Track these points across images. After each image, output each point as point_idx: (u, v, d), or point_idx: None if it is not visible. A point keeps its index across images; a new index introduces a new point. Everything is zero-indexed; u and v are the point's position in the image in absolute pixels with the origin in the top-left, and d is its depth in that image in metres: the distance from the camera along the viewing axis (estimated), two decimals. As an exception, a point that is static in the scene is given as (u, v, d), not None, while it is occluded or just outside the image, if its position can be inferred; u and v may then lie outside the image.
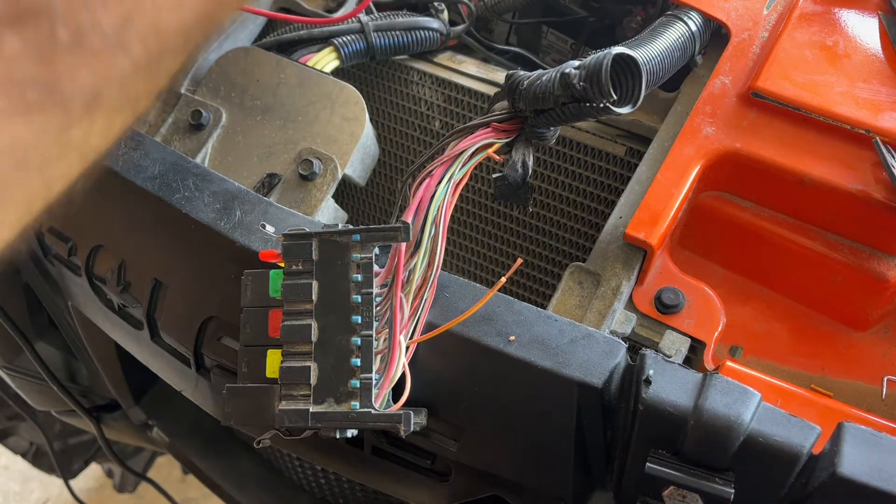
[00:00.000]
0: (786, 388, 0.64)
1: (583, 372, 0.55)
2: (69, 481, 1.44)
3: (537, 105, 0.59)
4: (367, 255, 0.56)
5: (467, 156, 0.59)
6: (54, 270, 0.85)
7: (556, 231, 0.89)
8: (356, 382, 0.55)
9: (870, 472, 0.49)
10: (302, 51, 0.89)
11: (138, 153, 0.73)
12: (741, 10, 0.80)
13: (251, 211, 0.67)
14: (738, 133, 0.72)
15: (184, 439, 1.12)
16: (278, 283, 0.58)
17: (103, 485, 1.92)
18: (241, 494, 1.10)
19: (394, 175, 1.00)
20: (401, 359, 0.56)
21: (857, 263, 0.71)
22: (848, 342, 0.72)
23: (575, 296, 0.69)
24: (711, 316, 0.68)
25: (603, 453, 0.59)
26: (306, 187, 0.79)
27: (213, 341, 0.68)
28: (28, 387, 1.14)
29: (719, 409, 0.51)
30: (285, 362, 0.57)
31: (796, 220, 0.73)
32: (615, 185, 0.84)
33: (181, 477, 1.90)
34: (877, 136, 0.69)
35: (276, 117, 0.83)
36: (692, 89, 0.79)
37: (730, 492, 0.51)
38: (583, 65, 0.57)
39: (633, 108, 0.59)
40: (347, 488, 1.05)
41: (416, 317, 0.57)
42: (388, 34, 0.90)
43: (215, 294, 0.67)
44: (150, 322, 0.73)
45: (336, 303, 0.56)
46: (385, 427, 0.54)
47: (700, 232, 0.76)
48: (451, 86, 0.91)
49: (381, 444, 0.67)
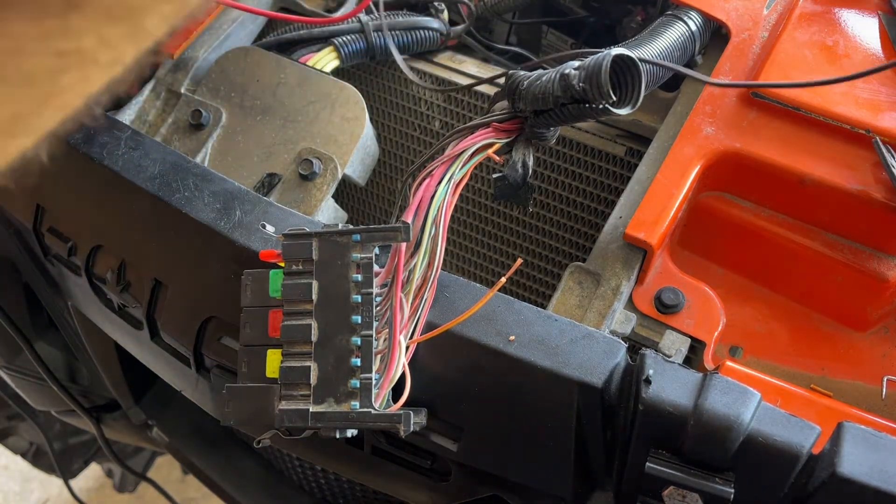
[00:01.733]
0: (786, 388, 0.64)
1: (583, 372, 0.55)
2: (69, 481, 1.44)
3: (537, 105, 0.59)
4: (367, 255, 0.56)
5: (467, 156, 0.59)
6: (54, 270, 0.85)
7: (556, 231, 0.89)
8: (356, 382, 0.55)
9: (870, 472, 0.49)
10: (302, 51, 0.89)
11: (138, 153, 0.73)
12: (741, 10, 0.80)
13: (251, 211, 0.67)
14: (738, 133, 0.72)
15: (184, 439, 1.12)
16: (278, 283, 0.58)
17: (103, 485, 1.92)
18: (241, 494, 1.10)
19: (394, 175, 1.00)
20: (401, 359, 0.56)
21: (857, 263, 0.71)
22: (848, 342, 0.72)
23: (575, 296, 0.69)
24: (711, 316, 0.68)
25: (603, 453, 0.59)
26: (306, 187, 0.79)
27: (213, 341, 0.68)
28: (28, 387, 1.14)
29: (719, 408, 0.51)
30: (285, 362, 0.57)
31: (796, 221, 0.73)
32: (615, 185, 0.84)
33: (181, 477, 1.90)
34: (877, 136, 0.69)
35: (276, 117, 0.83)
36: (692, 89, 0.79)
37: (730, 492, 0.51)
38: (582, 66, 0.57)
39: (633, 108, 0.59)
40: (347, 488, 1.05)
41: (416, 317, 0.57)
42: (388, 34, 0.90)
43: (215, 294, 0.67)
44: (150, 322, 0.73)
45: (336, 303, 0.56)
46: (385, 427, 0.54)
47: (700, 232, 0.76)
48: (452, 86, 0.91)
49: (380, 444, 0.67)
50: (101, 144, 0.74)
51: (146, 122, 0.88)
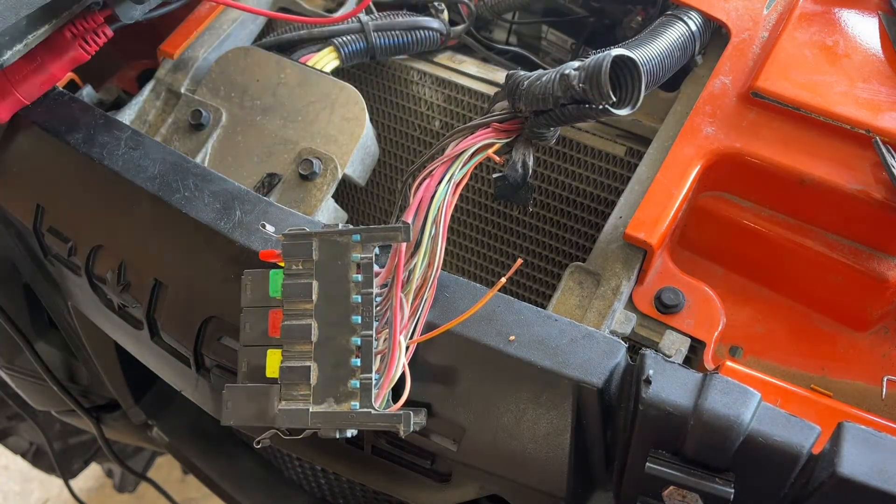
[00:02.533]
0: (786, 388, 0.64)
1: (583, 372, 0.55)
2: (69, 481, 1.44)
3: (537, 106, 0.59)
4: (367, 255, 0.56)
5: (468, 156, 0.59)
6: (54, 270, 0.85)
7: (556, 231, 0.89)
8: (356, 382, 0.55)
9: (870, 472, 0.49)
10: (302, 51, 0.89)
11: (138, 153, 0.73)
12: (741, 10, 0.80)
13: (251, 211, 0.67)
14: (738, 133, 0.72)
15: (184, 439, 1.12)
16: (278, 283, 0.58)
17: (103, 485, 1.92)
18: (241, 494, 1.10)
19: (394, 175, 1.00)
20: (401, 359, 0.56)
21: (857, 263, 0.71)
22: (848, 342, 0.72)
23: (575, 296, 0.69)
24: (711, 316, 0.68)
25: (603, 453, 0.59)
26: (306, 187, 0.79)
27: (213, 341, 0.68)
28: (28, 387, 1.14)
29: (719, 409, 0.51)
30: (285, 362, 0.57)
31: (796, 221, 0.73)
32: (615, 185, 0.84)
33: (181, 477, 1.90)
34: (877, 136, 0.69)
35: (276, 117, 0.83)
36: (692, 89, 0.79)
37: (730, 492, 0.51)
38: (582, 66, 0.57)
39: (633, 109, 0.59)
40: (347, 488, 1.05)
41: (416, 317, 0.57)
42: (388, 34, 0.90)
43: (215, 294, 0.67)
44: (150, 322, 0.73)
45: (336, 303, 0.56)
46: (385, 427, 0.54)
47: (700, 232, 0.76)
48: (451, 86, 0.91)
49: (380, 444, 0.67)
50: (101, 144, 0.74)
51: (146, 122, 0.88)
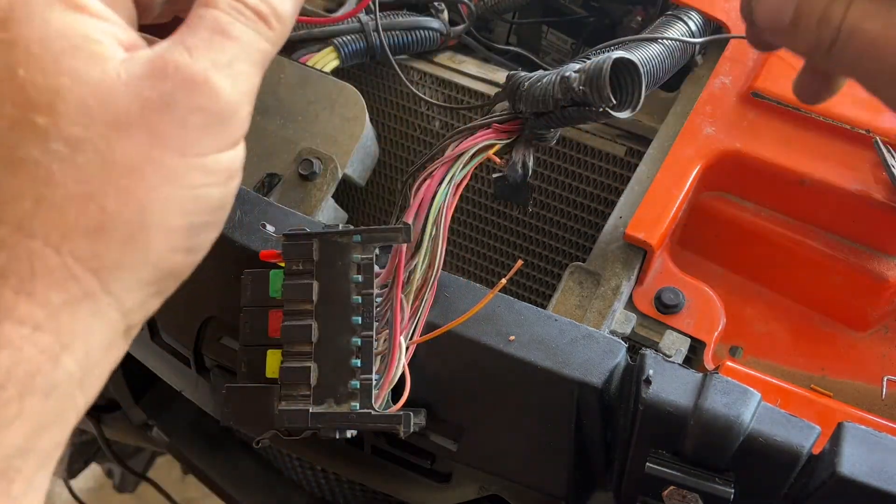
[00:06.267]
0: (786, 388, 0.64)
1: (583, 372, 0.55)
2: (69, 481, 1.44)
3: (537, 107, 0.59)
4: (367, 256, 0.56)
5: (468, 157, 0.59)
6: (54, 270, 0.85)
7: (556, 231, 0.89)
8: (356, 383, 0.55)
9: (870, 472, 0.49)
10: (302, 51, 0.89)
11: (138, 153, 0.73)
12: (741, 10, 0.80)
13: (251, 211, 0.67)
14: (738, 133, 0.72)
15: (184, 439, 1.12)
16: (278, 283, 0.58)
17: (103, 485, 1.92)
18: (241, 494, 1.10)
19: (394, 175, 1.00)
20: (401, 359, 0.56)
21: (857, 263, 0.71)
22: (848, 342, 0.72)
23: (575, 296, 0.69)
24: (711, 316, 0.68)
25: (603, 453, 0.59)
26: (306, 187, 0.79)
27: (213, 341, 0.68)
28: (28, 387, 1.14)
29: (719, 409, 0.51)
30: (285, 362, 0.57)
31: (796, 221, 0.73)
32: (615, 185, 0.84)
33: (181, 477, 1.90)
34: (877, 136, 0.69)
35: (275, 117, 0.83)
36: (692, 89, 0.79)
37: (730, 492, 0.51)
38: (583, 69, 0.57)
39: (633, 112, 0.59)
40: (347, 488, 1.05)
41: (417, 317, 0.57)
42: (388, 34, 0.90)
43: (215, 294, 0.67)
44: (149, 322, 0.73)
45: (336, 303, 0.56)
46: (385, 428, 0.54)
47: (700, 232, 0.76)
48: (452, 86, 0.91)
49: (380, 445, 0.67)
50: (101, 145, 0.73)
51: (146, 122, 0.88)
